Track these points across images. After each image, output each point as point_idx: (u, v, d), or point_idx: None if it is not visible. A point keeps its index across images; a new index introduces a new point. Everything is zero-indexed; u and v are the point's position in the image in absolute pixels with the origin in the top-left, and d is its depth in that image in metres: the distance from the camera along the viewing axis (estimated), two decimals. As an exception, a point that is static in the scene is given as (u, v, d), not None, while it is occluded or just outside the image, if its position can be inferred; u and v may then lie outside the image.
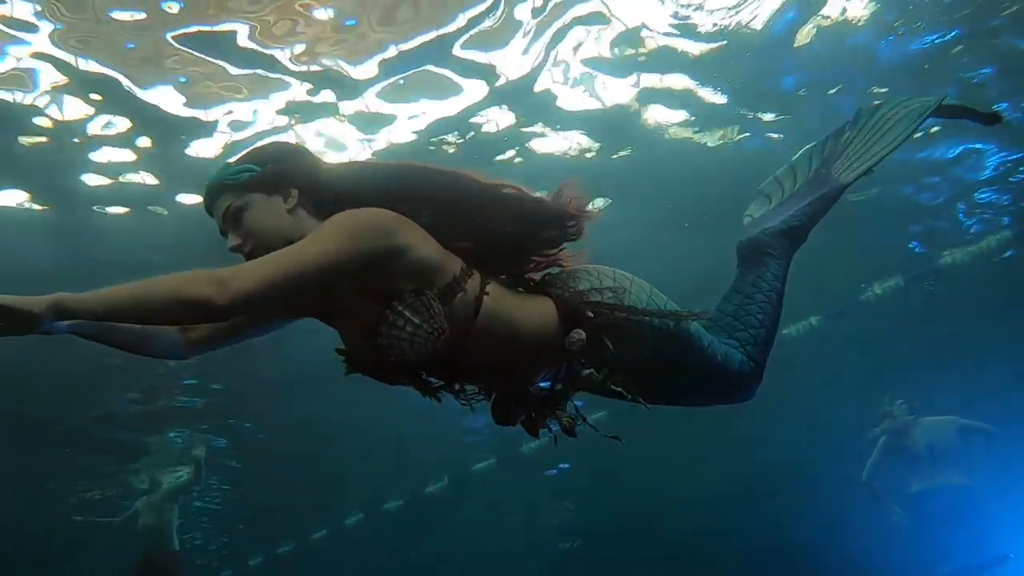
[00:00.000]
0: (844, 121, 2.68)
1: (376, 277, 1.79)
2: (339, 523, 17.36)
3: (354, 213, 1.80)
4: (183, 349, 2.00)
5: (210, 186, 1.94)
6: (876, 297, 9.63)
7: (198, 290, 1.60)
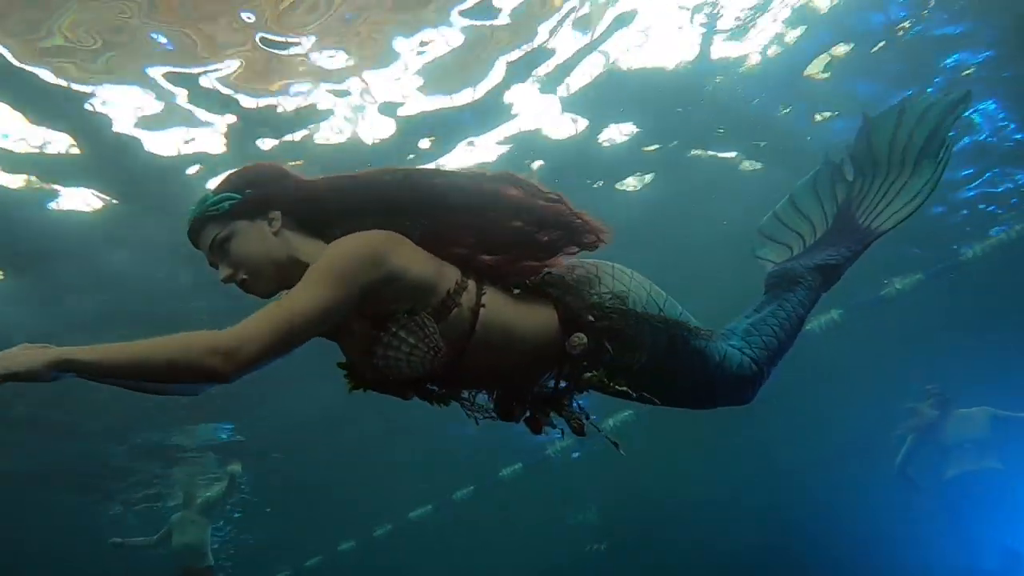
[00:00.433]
0: (837, 156, 2.63)
1: (372, 303, 1.78)
2: (368, 535, 17.42)
3: (341, 251, 1.76)
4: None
5: (193, 219, 1.91)
6: (897, 292, 9.65)
7: (204, 362, 1.59)
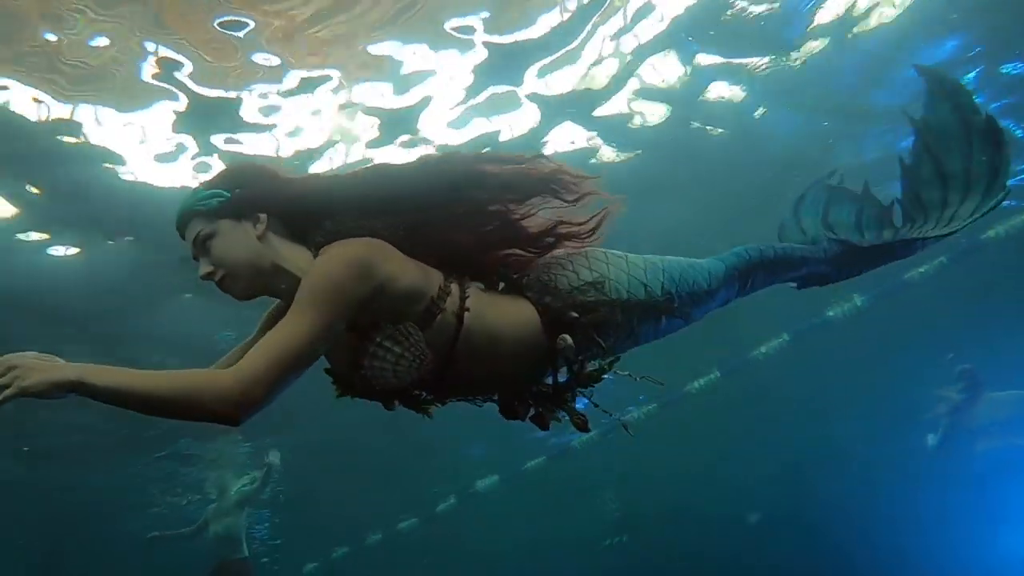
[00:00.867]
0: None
1: (360, 314, 1.78)
2: (392, 527, 17.61)
3: (328, 270, 1.75)
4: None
5: (181, 212, 1.91)
6: (920, 276, 9.64)
7: (215, 408, 1.60)
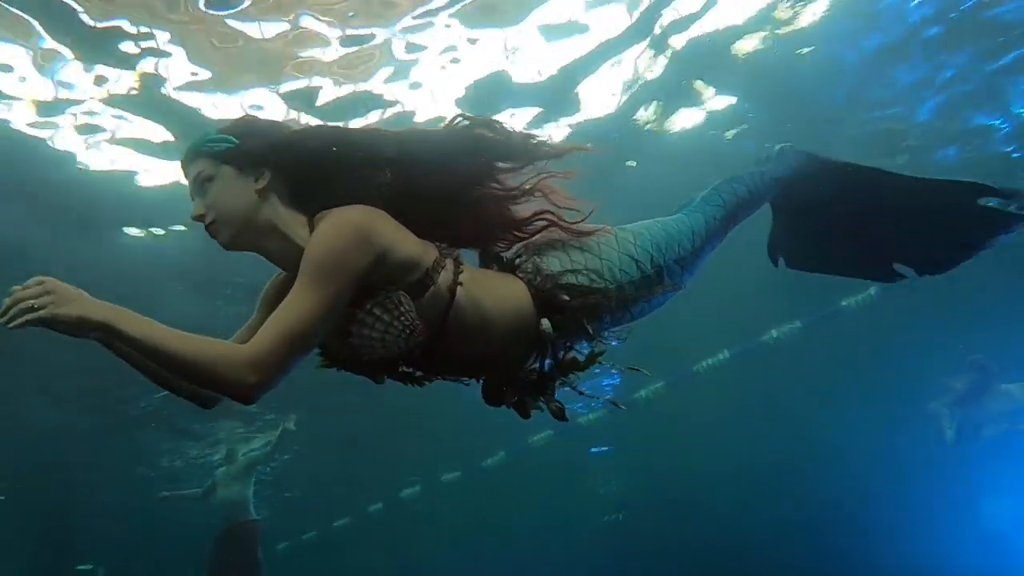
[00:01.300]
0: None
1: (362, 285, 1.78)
2: (395, 495, 17.77)
3: (328, 242, 1.74)
4: (213, 401, 2.00)
5: (189, 148, 1.90)
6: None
7: (227, 380, 1.62)
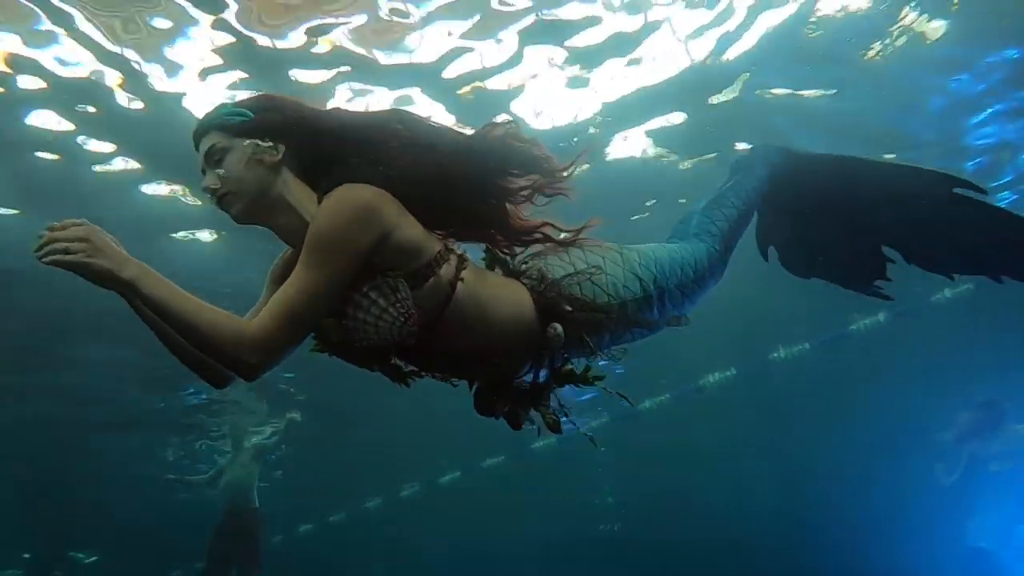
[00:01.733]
0: None
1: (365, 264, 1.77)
2: (395, 495, 17.77)
3: (333, 220, 1.73)
4: (223, 379, 1.98)
5: (202, 121, 1.90)
6: (947, 300, 9.67)
7: (230, 353, 1.65)
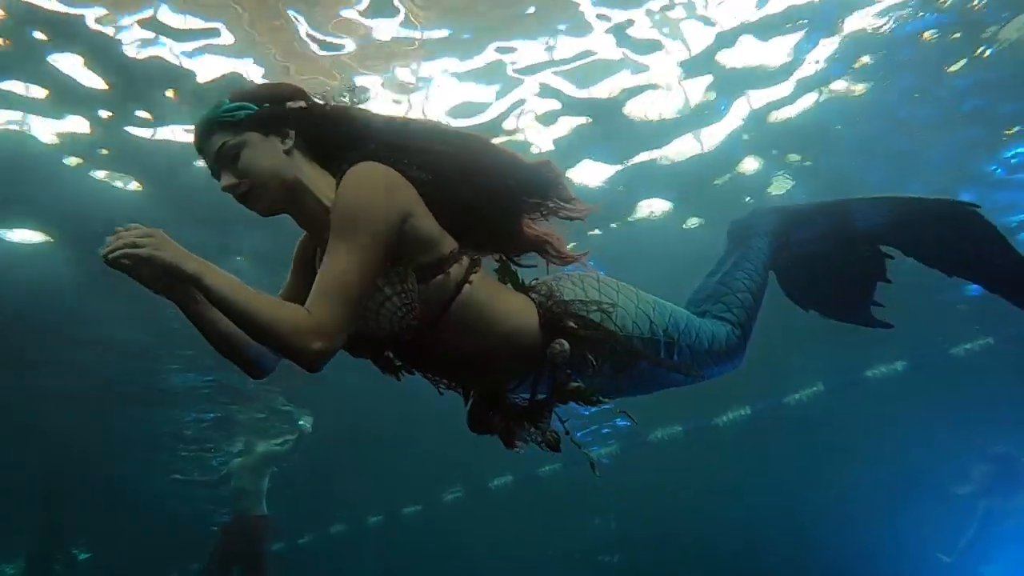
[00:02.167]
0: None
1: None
2: (397, 511, 17.73)
3: (354, 194, 1.73)
4: (260, 370, 1.96)
5: (204, 122, 1.84)
6: (966, 352, 9.68)
7: (290, 343, 1.62)
